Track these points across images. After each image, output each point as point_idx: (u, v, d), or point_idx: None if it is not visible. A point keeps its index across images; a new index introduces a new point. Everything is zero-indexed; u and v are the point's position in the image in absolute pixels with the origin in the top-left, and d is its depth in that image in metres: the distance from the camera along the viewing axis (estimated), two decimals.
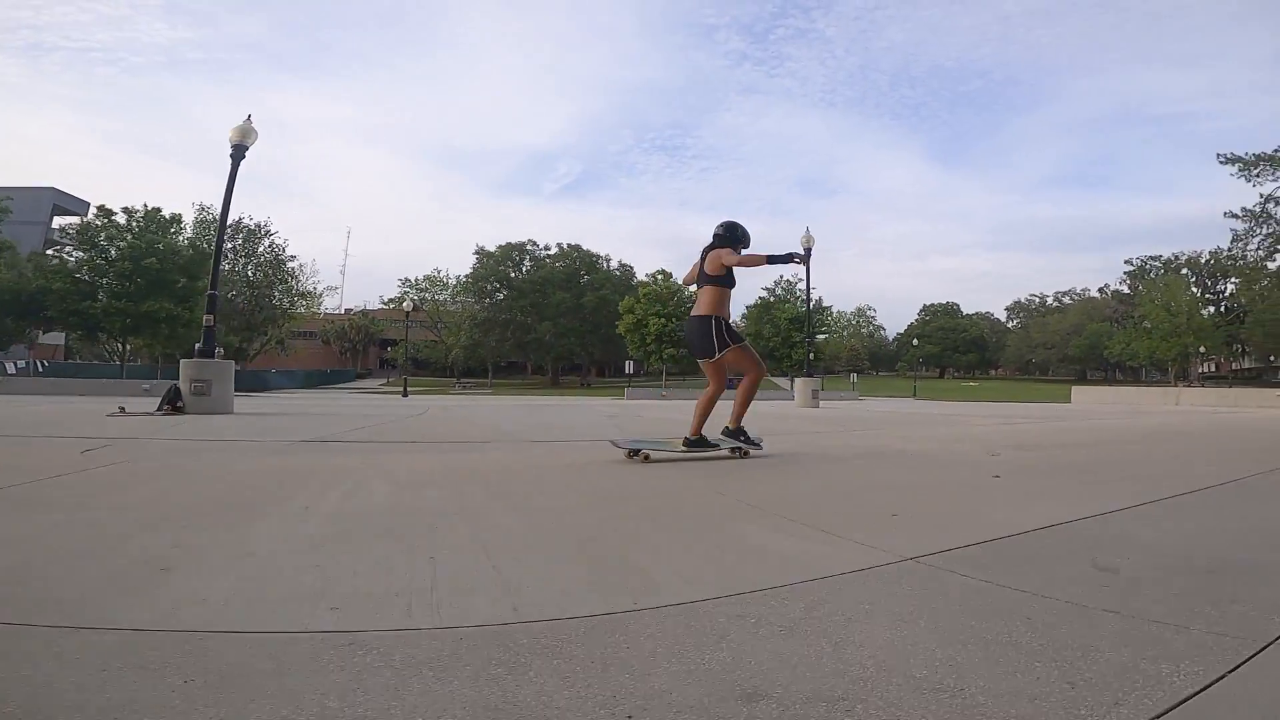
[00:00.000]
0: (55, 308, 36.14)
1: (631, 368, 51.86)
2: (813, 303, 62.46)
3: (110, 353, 45.85)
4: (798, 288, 62.10)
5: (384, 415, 11.43)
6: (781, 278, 74.54)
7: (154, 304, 35.32)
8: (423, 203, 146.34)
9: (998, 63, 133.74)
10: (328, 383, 67.25)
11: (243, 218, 52.77)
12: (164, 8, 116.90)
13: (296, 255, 64.97)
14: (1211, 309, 65.35)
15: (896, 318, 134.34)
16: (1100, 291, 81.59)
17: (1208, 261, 65.09)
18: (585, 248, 72.05)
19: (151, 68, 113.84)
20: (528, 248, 70.92)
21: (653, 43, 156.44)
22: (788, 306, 45.41)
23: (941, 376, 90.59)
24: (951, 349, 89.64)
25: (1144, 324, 61.02)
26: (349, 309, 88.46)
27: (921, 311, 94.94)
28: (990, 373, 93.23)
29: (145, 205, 38.68)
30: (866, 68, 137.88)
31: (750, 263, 4.69)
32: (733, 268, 4.68)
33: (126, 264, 36.14)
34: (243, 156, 11.97)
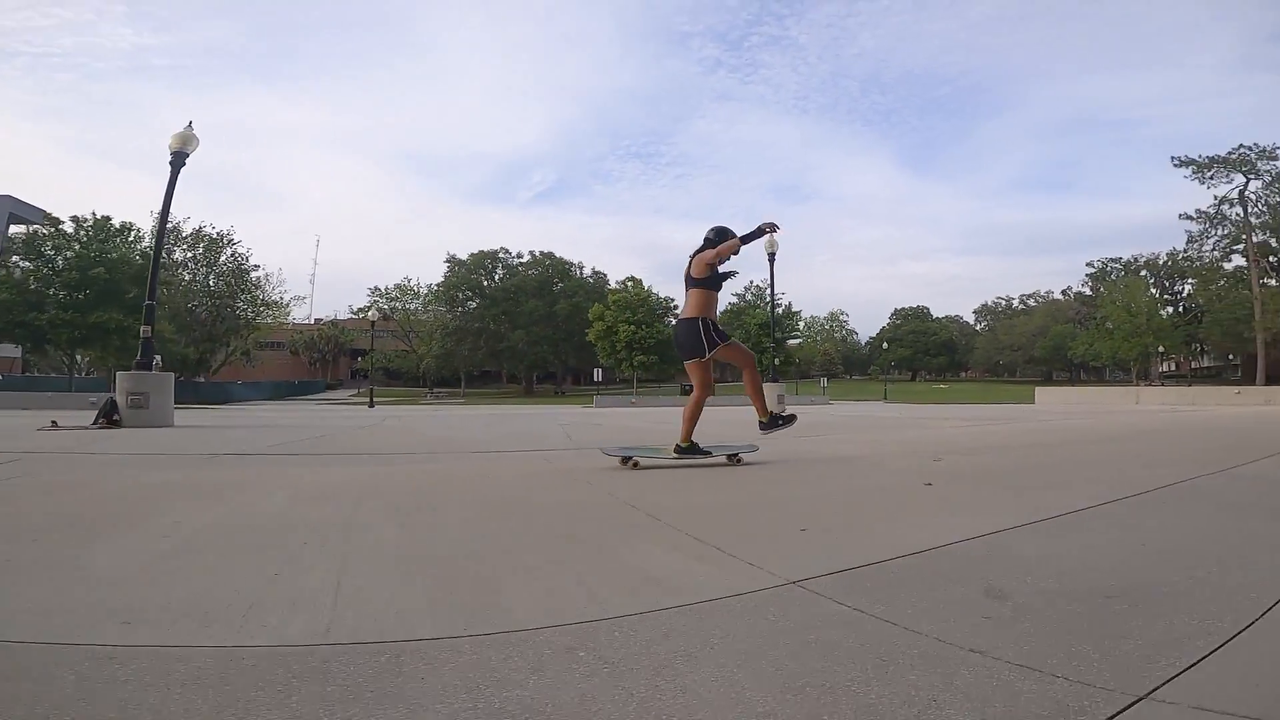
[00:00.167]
0: (1, 319, 34.78)
1: (600, 375, 51.43)
2: (782, 308, 63.52)
3: (66, 365, 44.37)
4: (768, 293, 62.49)
5: (333, 427, 11.14)
6: (751, 283, 75.05)
7: (103, 315, 33.96)
8: (396, 211, 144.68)
9: (964, 69, 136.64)
10: (295, 394, 66.11)
11: (204, 226, 51.53)
12: (128, 13, 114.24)
13: (261, 265, 63.99)
14: (1170, 309, 67.02)
15: (869, 322, 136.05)
16: (1063, 294, 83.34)
17: (1166, 263, 66.84)
18: (558, 255, 71.59)
19: (114, 73, 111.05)
20: (500, 255, 70.24)
21: (628, 50, 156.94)
22: (758, 312, 45.50)
23: (913, 379, 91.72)
24: (922, 352, 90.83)
25: (1106, 325, 62.31)
26: (318, 319, 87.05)
27: (893, 315, 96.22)
28: (960, 375, 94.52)
29: (94, 214, 37.43)
30: (838, 74, 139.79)
31: (727, 250, 4.74)
32: (717, 270, 4.81)
33: (74, 274, 34.86)
34: (183, 164, 11.64)
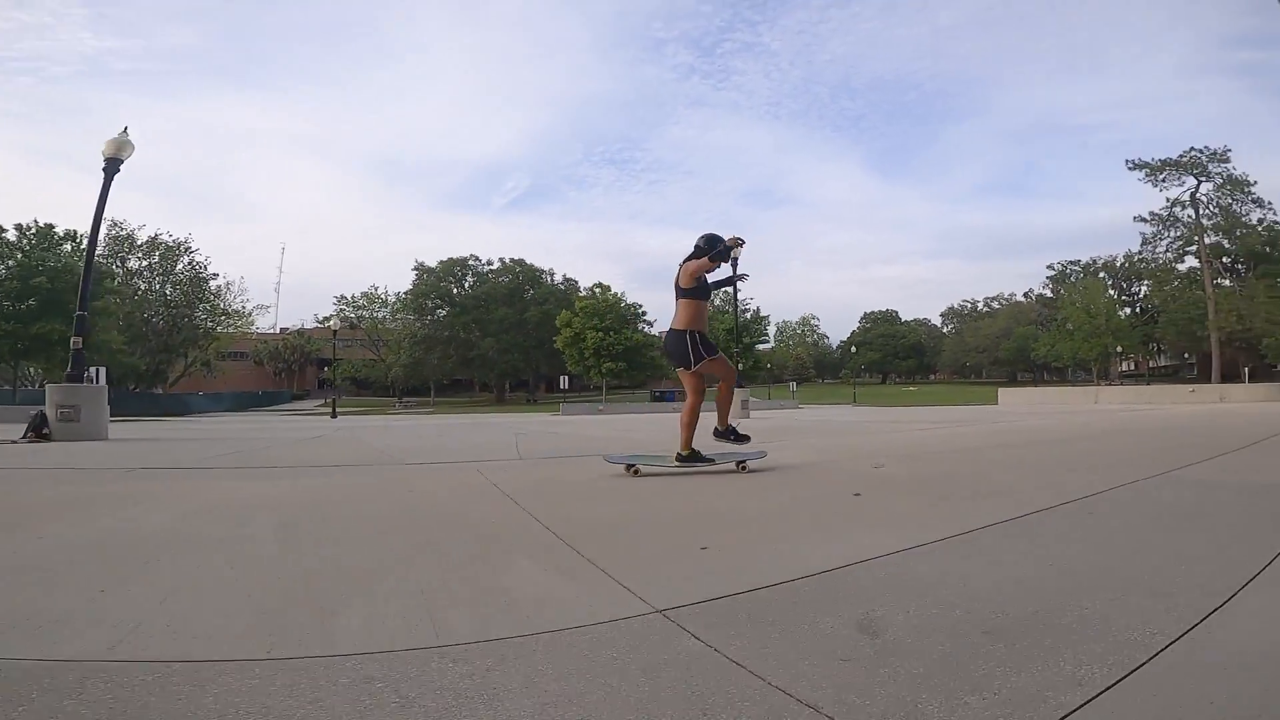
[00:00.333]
0: None
1: (567, 383, 50.92)
2: (751, 312, 63.80)
3: (11, 377, 42.63)
4: (746, 300, 62.70)
5: (278, 439, 10.77)
6: (722, 291, 75.11)
7: (46, 326, 32.65)
8: (367, 218, 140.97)
9: (931, 75, 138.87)
10: (259, 405, 64.87)
11: (159, 234, 50.11)
12: (90, 17, 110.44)
13: (222, 273, 62.55)
14: (1128, 310, 68.85)
15: (841, 325, 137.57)
16: (1026, 296, 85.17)
17: (1123, 265, 68.61)
18: (529, 262, 71.09)
19: (74, 78, 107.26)
20: (470, 263, 69.50)
21: (603, 56, 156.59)
22: (726, 317, 45.29)
23: (884, 382, 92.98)
24: (892, 355, 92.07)
25: (1066, 326, 63.76)
26: (284, 328, 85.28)
27: (863, 319, 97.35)
28: (929, 377, 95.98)
29: (36, 221, 36.04)
30: (810, 80, 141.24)
31: (702, 269, 4.81)
32: (705, 279, 4.93)
33: (15, 284, 33.48)
34: (117, 170, 11.24)
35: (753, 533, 2.78)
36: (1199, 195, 56.51)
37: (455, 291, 67.71)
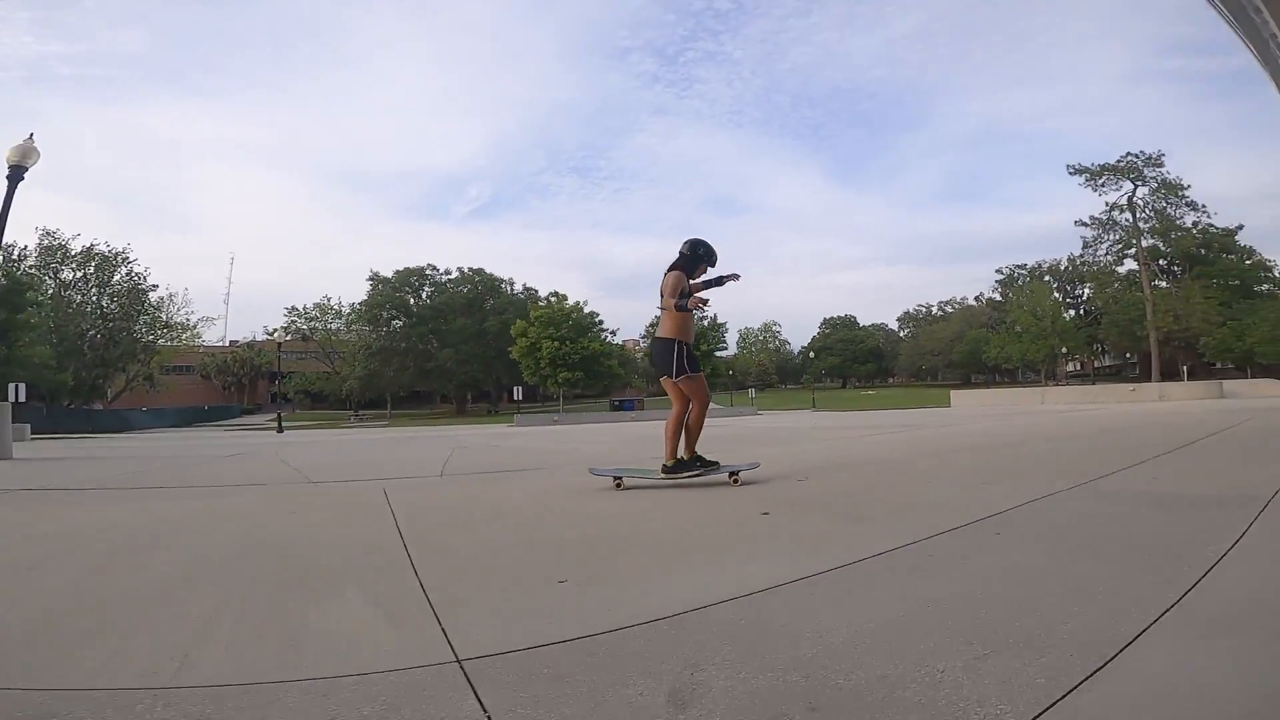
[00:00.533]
0: None
1: (520, 393, 50.08)
2: (708, 319, 63.96)
3: None
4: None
5: (195, 457, 10.32)
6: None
7: None
8: (323, 228, 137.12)
9: (886, 84, 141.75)
10: (206, 420, 62.66)
11: (95, 244, 47.96)
12: (33, 20, 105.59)
13: (162, 284, 60.26)
14: (1073, 312, 71.27)
15: (801, 331, 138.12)
16: (977, 300, 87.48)
17: (1066, 268, 71.04)
18: (488, 271, 70.11)
19: (13, 83, 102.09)
20: (427, 272, 68.16)
21: (568, 64, 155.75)
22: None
23: (844, 387, 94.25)
24: (851, 360, 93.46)
25: (1015, 329, 65.68)
26: (233, 341, 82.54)
27: (823, 325, 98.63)
28: (888, 381, 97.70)
29: None
30: (771, 89, 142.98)
31: (668, 306, 4.72)
32: (688, 284, 4.82)
33: None
34: (21, 178, 10.58)
35: (631, 562, 2.56)
36: (1136, 199, 58.86)
37: (412, 302, 66.34)
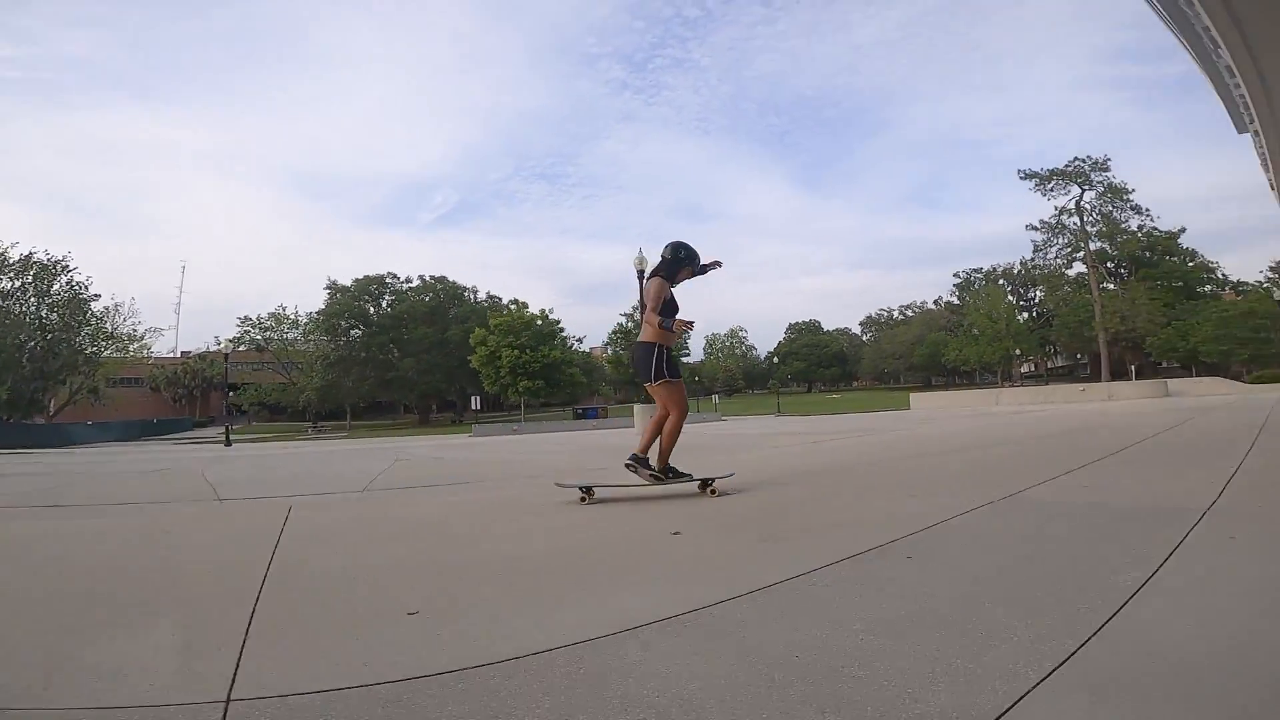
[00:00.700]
0: None
1: (480, 402, 49.21)
2: (687, 337, 63.71)
3: None
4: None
5: (112, 472, 9.71)
6: (640, 304, 75.51)
7: None
8: (283, 236, 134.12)
9: (848, 91, 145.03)
10: (155, 434, 60.48)
11: (34, 251, 45.86)
12: None
13: (106, 293, 58.08)
14: (1026, 315, 73.23)
15: (768, 337, 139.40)
16: (936, 303, 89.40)
17: (1020, 272, 73.04)
18: (451, 279, 69.04)
19: None
20: (387, 281, 66.83)
21: (536, 71, 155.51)
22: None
23: (809, 391, 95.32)
24: (816, 364, 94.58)
25: (972, 331, 67.22)
26: (185, 352, 79.80)
27: (788, 330, 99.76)
28: (852, 384, 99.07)
29: None
30: (738, 96, 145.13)
31: (650, 322, 4.66)
32: (670, 292, 4.78)
33: None
34: None
35: (507, 589, 2.34)
36: (1083, 203, 60.75)
37: (371, 311, 64.90)
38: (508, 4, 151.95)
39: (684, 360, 66.87)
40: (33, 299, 46.37)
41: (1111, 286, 62.06)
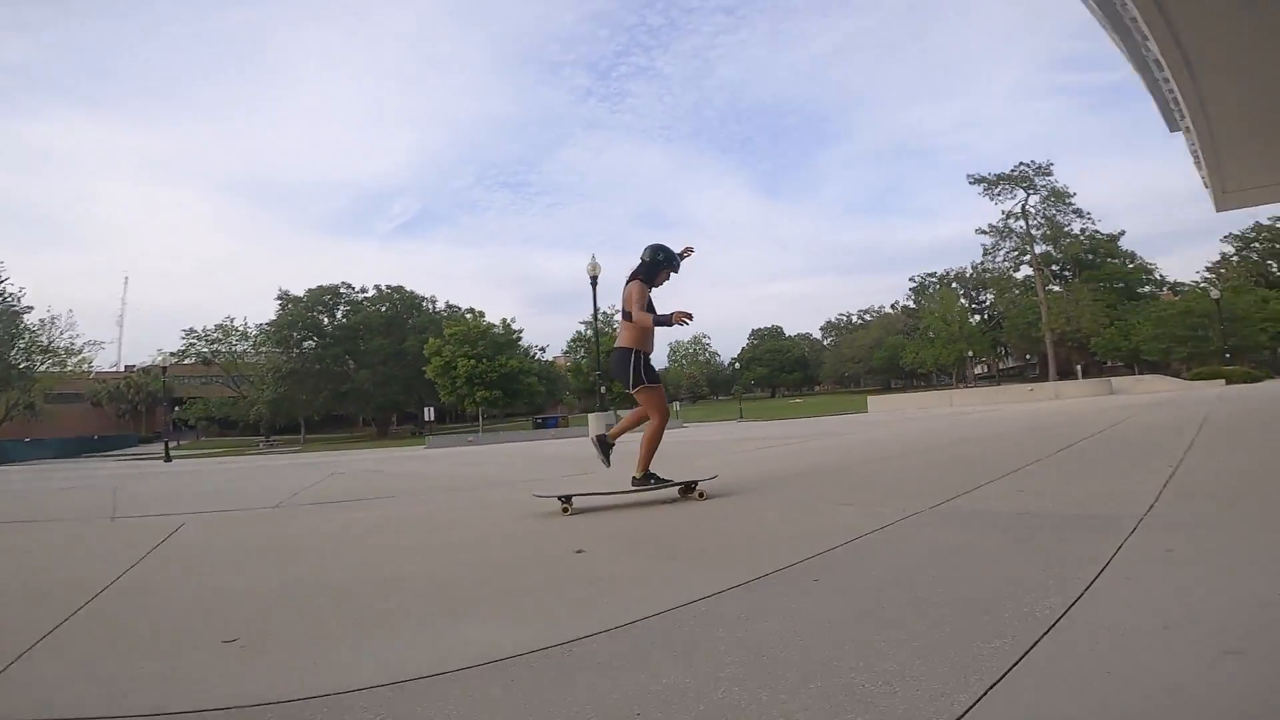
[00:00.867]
0: None
1: (432, 414, 48.10)
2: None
3: None
4: (614, 319, 62.18)
5: (17, 492, 9.28)
6: (601, 310, 75.22)
7: None
8: (234, 246, 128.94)
9: (809, 99, 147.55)
10: (96, 450, 58.15)
11: None
12: None
13: (42, 305, 55.41)
14: (978, 317, 75.18)
15: (731, 343, 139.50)
16: (893, 307, 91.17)
17: (971, 275, 75.01)
18: (409, 289, 67.59)
19: None
20: (342, 291, 65.11)
21: (500, 77, 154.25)
22: (607, 339, 44.56)
23: (773, 396, 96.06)
24: (779, 369, 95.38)
25: (928, 334, 68.70)
26: (129, 366, 76.54)
27: (751, 336, 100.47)
28: (814, 389, 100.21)
29: None
30: (700, 104, 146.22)
31: (641, 323, 4.54)
32: (649, 299, 4.69)
33: None
34: None
35: (357, 615, 2.14)
36: (1028, 207, 62.63)
37: (325, 322, 63.12)
38: (469, 11, 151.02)
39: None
40: None
41: (1057, 288, 64.03)
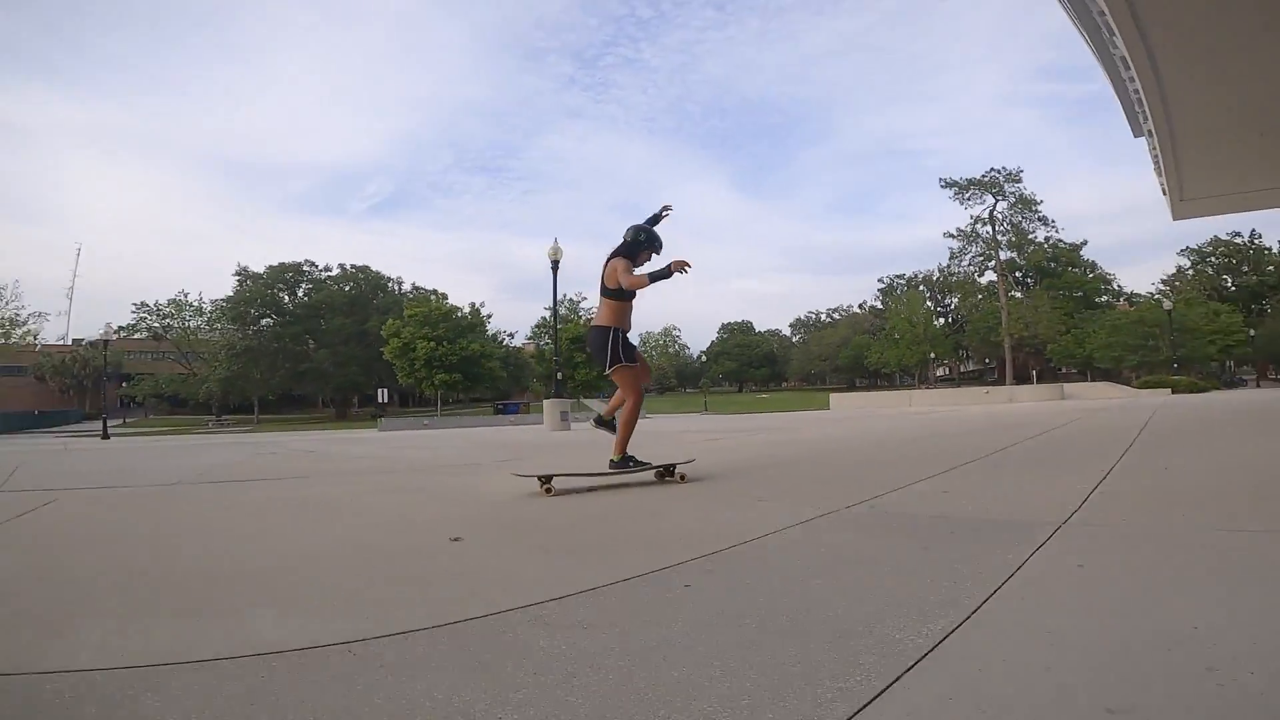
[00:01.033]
0: None
1: (388, 395, 47.02)
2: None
3: None
4: (581, 306, 61.55)
5: None
6: (565, 296, 74.75)
7: None
8: (200, 223, 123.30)
9: (792, 99, 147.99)
10: (37, 426, 55.77)
11: None
12: None
13: None
14: (942, 320, 76.53)
15: (701, 336, 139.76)
16: (861, 307, 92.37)
17: (938, 279, 76.26)
18: (374, 269, 66.12)
19: None
20: (304, 269, 63.37)
21: (481, 61, 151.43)
22: (570, 326, 43.80)
23: (740, 390, 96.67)
24: (747, 364, 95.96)
25: (894, 335, 69.70)
26: (77, 340, 73.46)
27: (721, 330, 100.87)
28: (782, 385, 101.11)
29: None
30: (684, 99, 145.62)
31: (637, 284, 4.45)
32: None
33: None
34: None
35: (138, 600, 1.93)
36: (996, 213, 63.70)
37: (286, 299, 61.41)
38: None
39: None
40: None
41: (1019, 295, 65.39)
